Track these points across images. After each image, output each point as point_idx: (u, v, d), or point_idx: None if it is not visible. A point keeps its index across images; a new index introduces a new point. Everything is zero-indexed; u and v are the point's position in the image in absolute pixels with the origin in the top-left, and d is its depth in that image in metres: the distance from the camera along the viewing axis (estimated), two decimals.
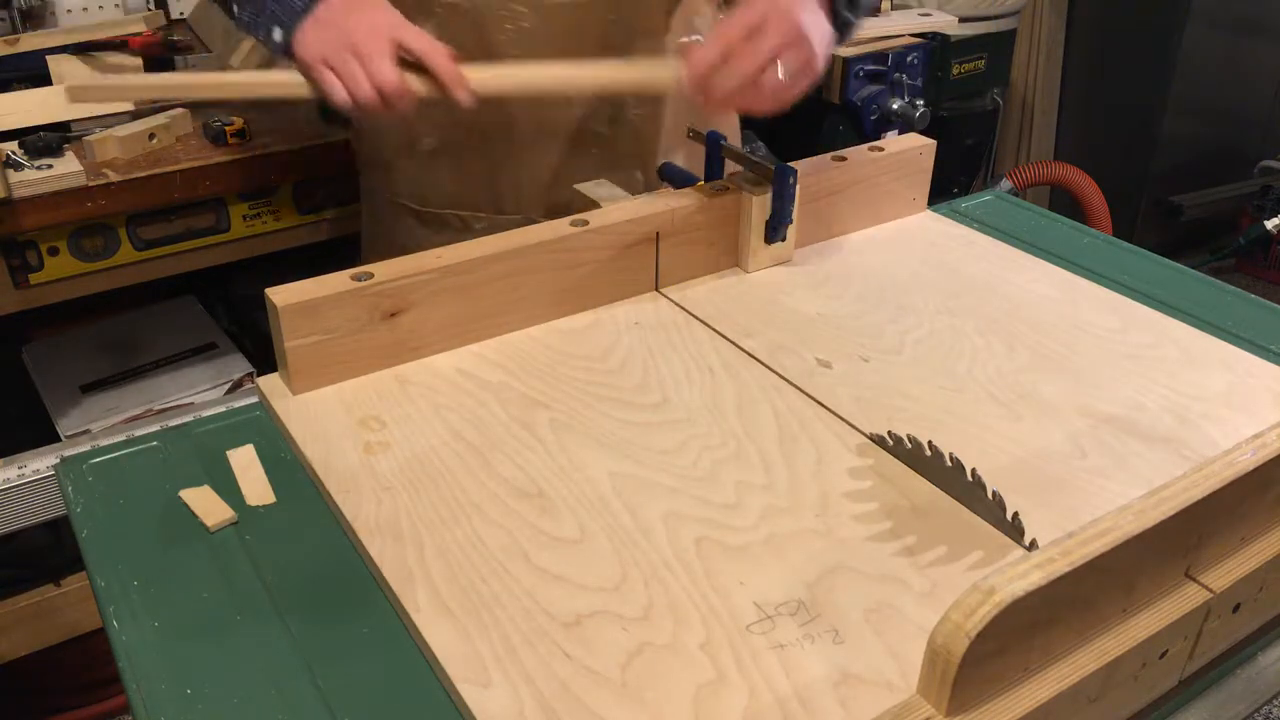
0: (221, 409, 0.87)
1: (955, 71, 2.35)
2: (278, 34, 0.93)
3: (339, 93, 0.92)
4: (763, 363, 0.92)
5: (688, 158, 1.21)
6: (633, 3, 1.13)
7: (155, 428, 0.85)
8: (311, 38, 0.92)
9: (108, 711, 1.64)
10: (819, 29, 0.91)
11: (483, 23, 1.07)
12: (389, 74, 0.91)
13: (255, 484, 0.79)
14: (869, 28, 2.13)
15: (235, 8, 0.99)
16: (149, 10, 1.85)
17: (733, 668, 0.61)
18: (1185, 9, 2.67)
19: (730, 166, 1.11)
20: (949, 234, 1.17)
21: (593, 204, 1.04)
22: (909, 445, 0.78)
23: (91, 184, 1.30)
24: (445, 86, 0.93)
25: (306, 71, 0.93)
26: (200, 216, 1.45)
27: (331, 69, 0.91)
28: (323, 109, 1.02)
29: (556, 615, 0.65)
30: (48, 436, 1.50)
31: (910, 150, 1.16)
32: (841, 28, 0.97)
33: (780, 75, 0.89)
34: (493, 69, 0.97)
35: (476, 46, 1.07)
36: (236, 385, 1.62)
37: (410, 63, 0.93)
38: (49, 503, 1.31)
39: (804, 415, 0.85)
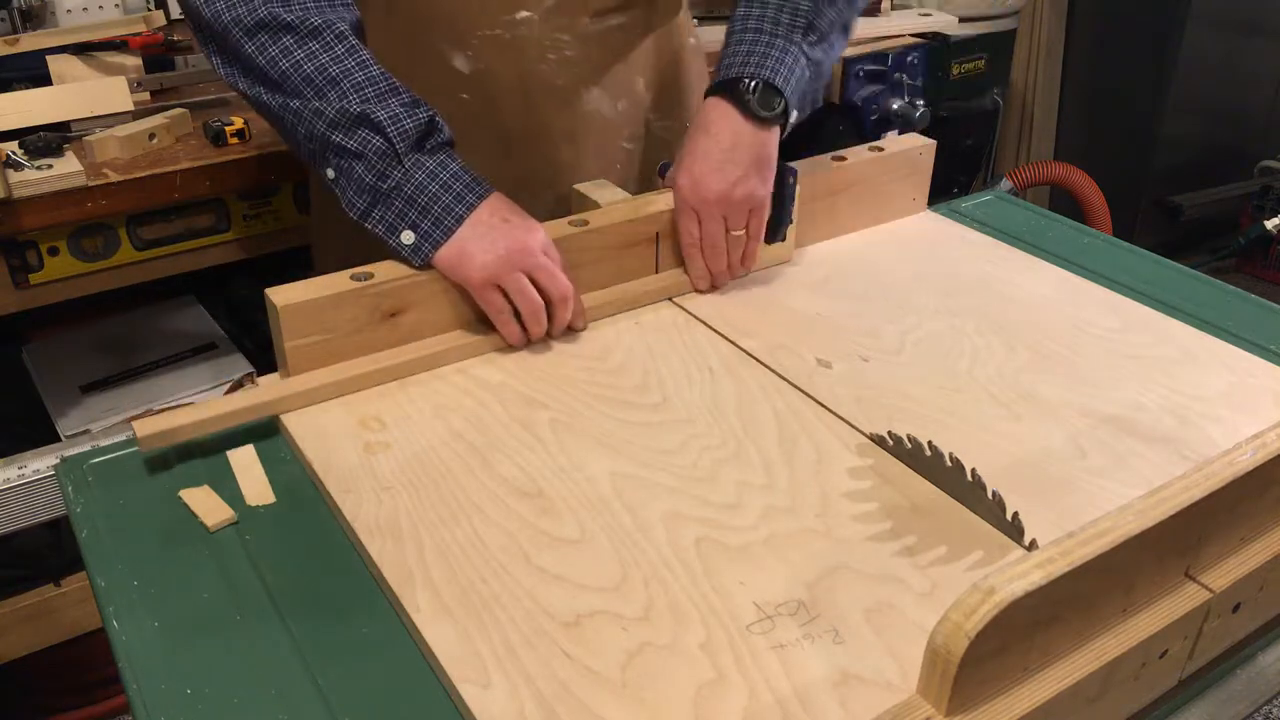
0: None
1: (955, 71, 2.35)
2: (408, 238, 0.87)
3: (508, 320, 0.89)
4: (763, 363, 0.92)
5: None
6: (663, 28, 1.13)
7: None
8: (479, 261, 0.87)
9: (108, 711, 1.64)
10: (745, 152, 0.96)
11: (525, 53, 1.05)
12: (565, 283, 0.90)
13: (255, 484, 0.79)
14: (869, 28, 2.13)
15: (343, 191, 0.89)
16: (149, 10, 1.85)
17: (733, 668, 0.61)
18: (1185, 9, 2.67)
19: None
20: (949, 234, 1.17)
21: (593, 204, 1.04)
22: (909, 445, 0.78)
23: (91, 184, 1.29)
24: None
25: (469, 287, 0.88)
26: (200, 216, 1.44)
27: (502, 289, 0.88)
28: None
29: (556, 615, 0.65)
30: (48, 436, 1.50)
31: (910, 150, 1.16)
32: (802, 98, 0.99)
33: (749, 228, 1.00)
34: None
35: (516, 78, 1.06)
36: (236, 385, 1.62)
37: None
38: (49, 503, 1.31)
39: (804, 415, 0.85)
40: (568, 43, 1.06)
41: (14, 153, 1.29)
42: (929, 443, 0.77)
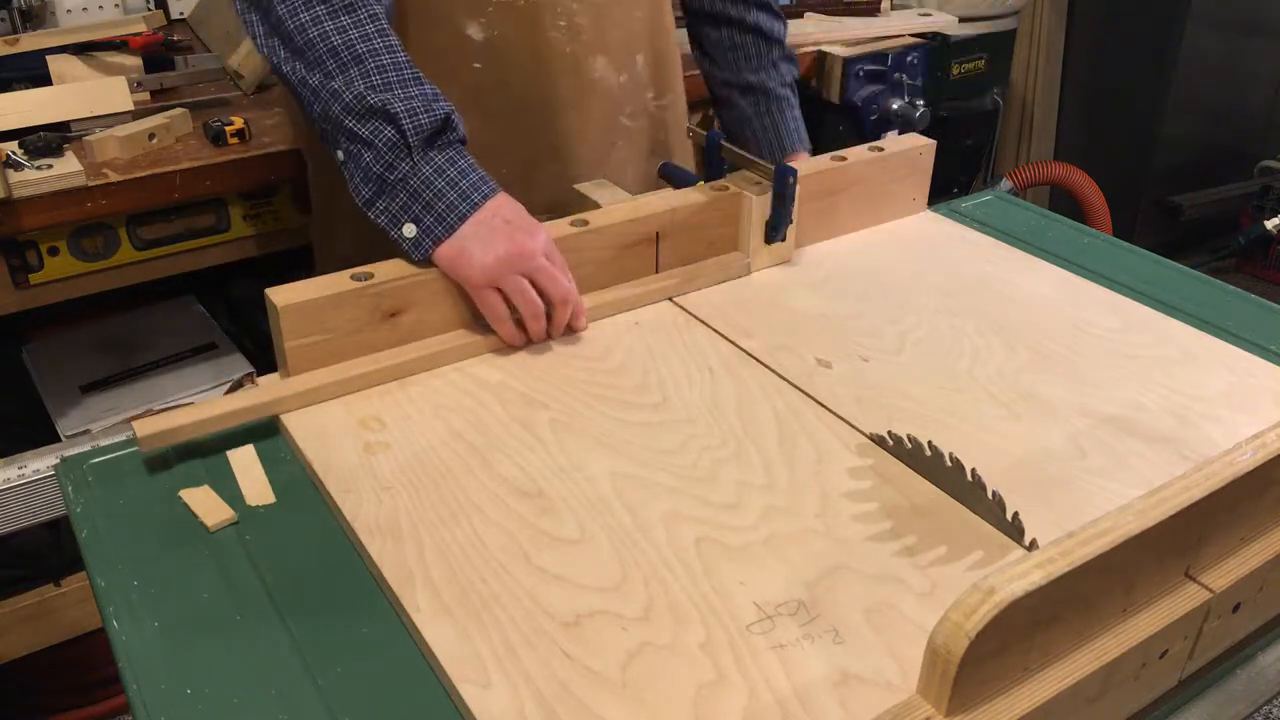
0: None
1: (955, 71, 2.35)
2: (410, 231, 0.87)
3: (503, 322, 0.90)
4: (763, 363, 0.92)
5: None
6: (657, 4, 1.16)
7: None
8: (478, 263, 0.87)
9: (108, 711, 1.64)
10: None
11: (538, 20, 1.06)
12: (565, 285, 0.90)
13: (255, 484, 0.79)
14: (869, 28, 2.13)
15: (350, 176, 0.89)
16: (149, 10, 1.85)
17: (733, 668, 0.61)
18: (1185, 9, 2.67)
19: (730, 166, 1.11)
20: (949, 234, 1.17)
21: (593, 204, 1.04)
22: (909, 445, 0.78)
23: (91, 184, 1.29)
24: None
25: (467, 288, 0.89)
26: (200, 216, 1.44)
27: (501, 292, 0.88)
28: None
29: (556, 615, 0.65)
30: (48, 436, 1.50)
31: (910, 150, 1.16)
32: None
33: None
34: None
35: (528, 44, 1.07)
36: (236, 385, 1.62)
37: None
38: (49, 503, 1.31)
39: (804, 415, 0.85)
40: (577, 10, 1.08)
41: (14, 153, 1.29)
42: (929, 443, 0.77)
